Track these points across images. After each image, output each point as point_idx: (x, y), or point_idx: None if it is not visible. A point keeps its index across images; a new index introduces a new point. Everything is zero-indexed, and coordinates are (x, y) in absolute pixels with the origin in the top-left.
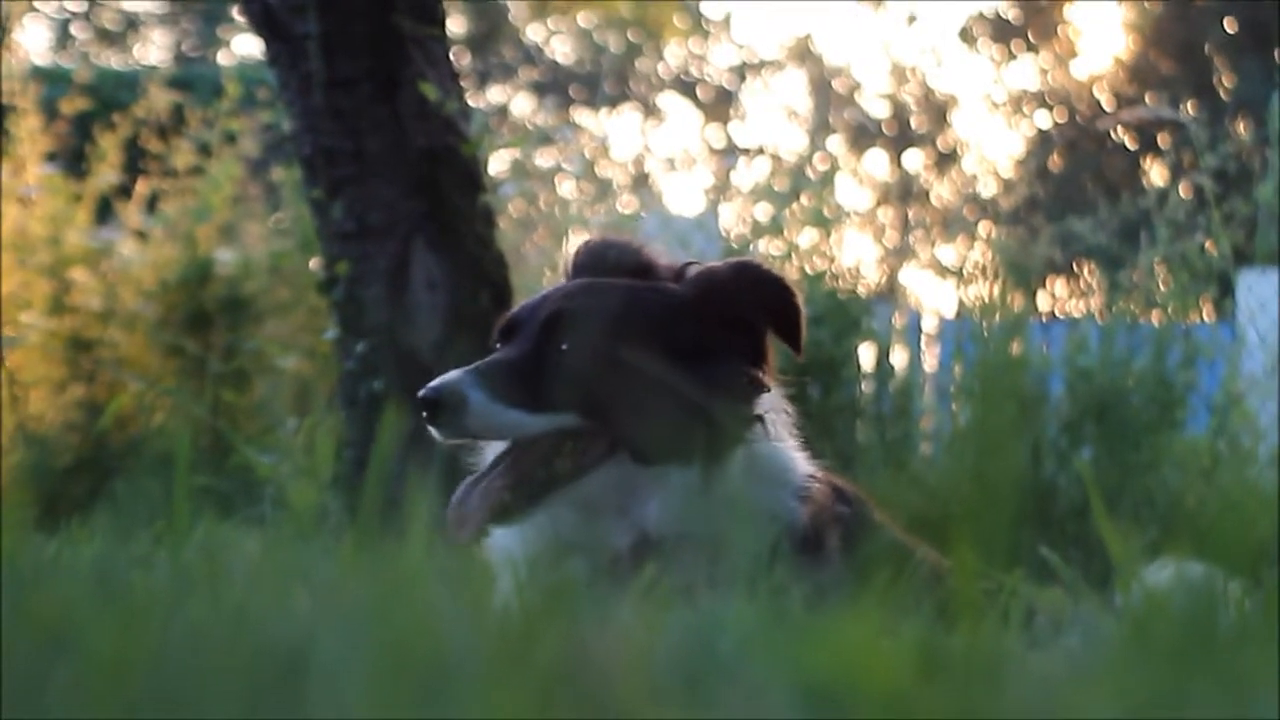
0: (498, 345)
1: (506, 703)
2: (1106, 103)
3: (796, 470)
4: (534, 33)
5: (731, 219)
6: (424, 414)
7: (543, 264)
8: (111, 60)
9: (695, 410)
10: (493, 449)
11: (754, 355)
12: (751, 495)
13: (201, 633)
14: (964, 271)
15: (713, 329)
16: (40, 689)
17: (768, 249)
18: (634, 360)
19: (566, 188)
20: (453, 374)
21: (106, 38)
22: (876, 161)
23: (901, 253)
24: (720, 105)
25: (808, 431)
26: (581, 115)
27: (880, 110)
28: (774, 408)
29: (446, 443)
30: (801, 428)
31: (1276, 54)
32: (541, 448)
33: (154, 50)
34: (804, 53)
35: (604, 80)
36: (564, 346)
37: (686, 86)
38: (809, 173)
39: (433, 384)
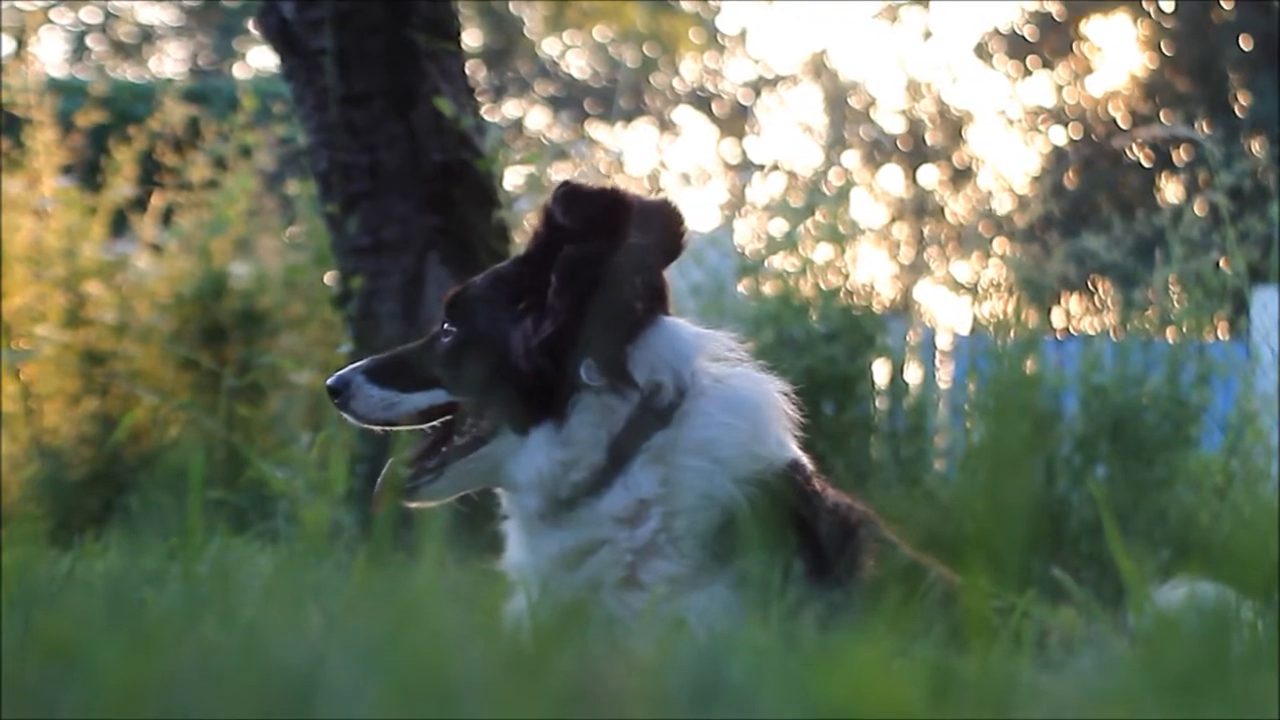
0: None
1: None
2: (1122, 120)
3: (748, 452)
4: (549, 47)
5: (746, 234)
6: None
7: None
8: (127, 73)
9: (521, 366)
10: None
11: (570, 286)
12: (672, 467)
13: (213, 653)
14: (979, 288)
15: (556, 278)
16: (50, 709)
17: (782, 264)
18: (484, 335)
19: None
20: (351, 365)
21: (122, 50)
22: (892, 177)
23: (916, 269)
24: (735, 120)
25: (821, 448)
26: (597, 130)
27: (895, 126)
28: (745, 386)
29: (358, 424)
30: (815, 443)
31: None
32: (445, 429)
33: (170, 63)
34: (819, 68)
35: (619, 95)
36: (446, 327)
37: (702, 101)
38: (824, 188)
39: (334, 374)
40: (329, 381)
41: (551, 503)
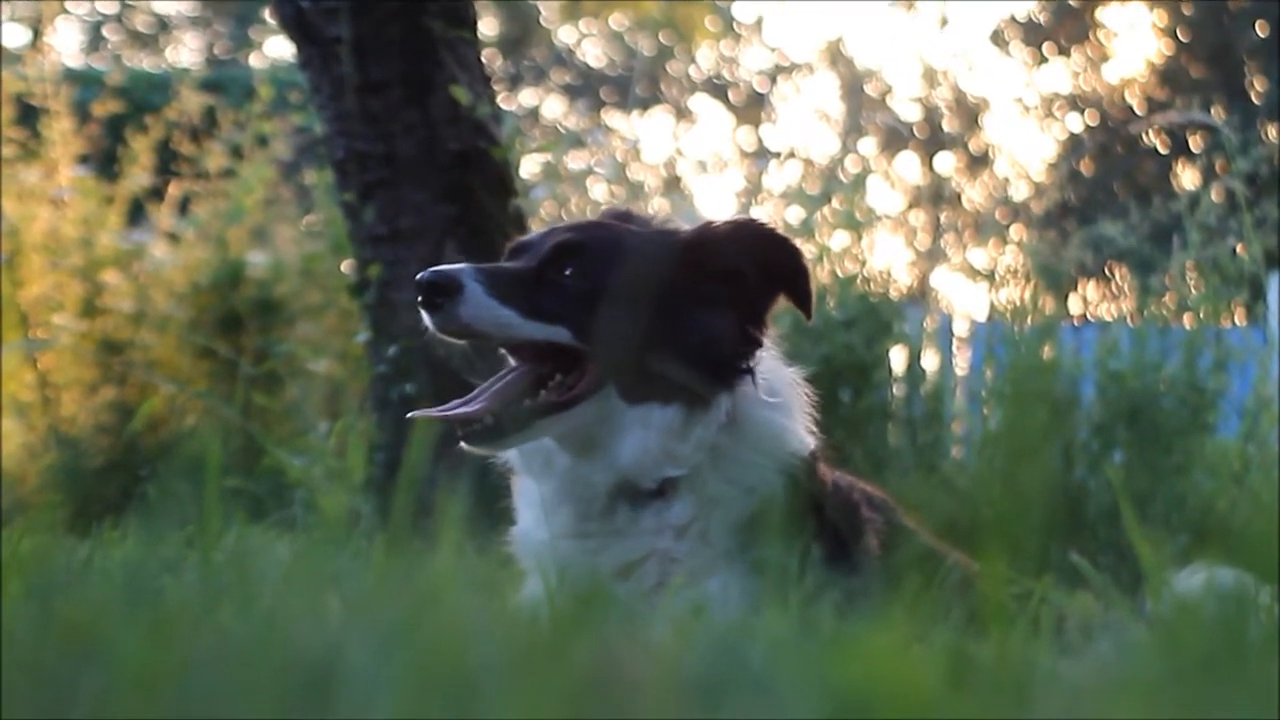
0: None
1: (535, 712)
2: (1138, 106)
3: (787, 443)
4: (565, 35)
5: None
6: (421, 298)
7: None
8: (143, 62)
9: (685, 353)
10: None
11: (748, 310)
12: (732, 463)
13: (231, 641)
14: (995, 275)
15: (707, 278)
16: (68, 697)
17: None
18: (634, 294)
19: (598, 191)
20: (456, 265)
21: (138, 40)
22: (908, 164)
23: (933, 256)
24: (752, 108)
25: (839, 435)
26: (613, 118)
27: (912, 113)
28: (779, 377)
29: (441, 335)
30: (832, 430)
31: None
32: (529, 377)
33: (186, 52)
34: (836, 56)
35: (635, 83)
36: (568, 270)
37: (718, 89)
38: (840, 175)
39: (433, 269)
40: (436, 273)
41: (626, 487)
